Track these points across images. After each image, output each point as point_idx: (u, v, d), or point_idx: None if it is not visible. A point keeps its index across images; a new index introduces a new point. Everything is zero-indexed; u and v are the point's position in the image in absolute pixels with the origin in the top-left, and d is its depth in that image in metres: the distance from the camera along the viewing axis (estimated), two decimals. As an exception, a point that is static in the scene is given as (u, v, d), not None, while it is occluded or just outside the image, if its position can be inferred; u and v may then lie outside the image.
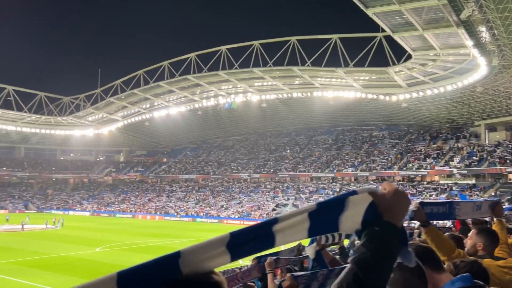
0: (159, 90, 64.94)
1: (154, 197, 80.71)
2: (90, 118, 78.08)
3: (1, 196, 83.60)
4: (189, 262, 1.10)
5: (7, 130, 78.80)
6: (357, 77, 52.42)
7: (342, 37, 47.57)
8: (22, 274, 24.33)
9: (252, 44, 53.20)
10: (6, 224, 53.27)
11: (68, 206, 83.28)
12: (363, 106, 63.61)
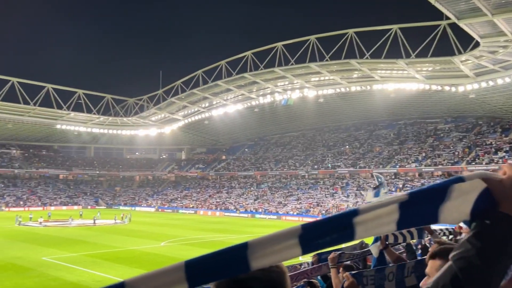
0: (217, 89, 66.27)
1: (214, 193, 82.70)
2: (153, 118, 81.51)
3: (75, 193, 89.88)
4: (257, 254, 1.03)
5: (79, 131, 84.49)
6: (420, 68, 50.02)
7: (403, 27, 45.59)
8: (95, 265, 25.97)
9: (308, 39, 52.60)
10: (79, 219, 57.17)
11: (135, 202, 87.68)
12: (426, 98, 60.70)
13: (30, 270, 24.57)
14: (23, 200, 79.64)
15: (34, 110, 70.37)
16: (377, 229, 1.07)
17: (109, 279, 22.28)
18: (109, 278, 22.51)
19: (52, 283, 21.52)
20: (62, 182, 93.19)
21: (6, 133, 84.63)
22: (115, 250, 32.37)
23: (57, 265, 26.11)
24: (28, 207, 75.90)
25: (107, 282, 10.31)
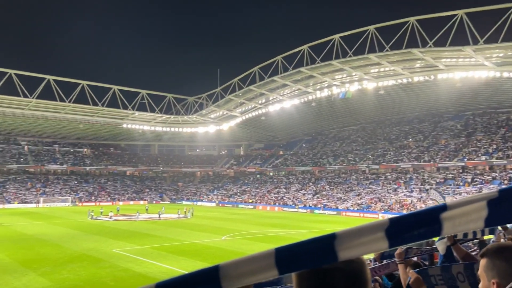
0: (274, 84, 66.38)
1: (272, 189, 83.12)
2: (212, 115, 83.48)
3: (141, 188, 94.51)
4: (345, 246, 1.04)
5: (143, 130, 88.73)
6: (489, 54, 46.75)
7: (470, 11, 42.85)
8: (161, 258, 27.17)
9: (367, 30, 51.07)
10: (146, 213, 60.03)
11: (196, 197, 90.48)
12: (497, 86, 56.65)
13: (102, 261, 26.23)
14: (94, 196, 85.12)
15: (102, 110, 74.82)
16: (465, 225, 1.05)
17: (174, 271, 23.21)
18: (174, 270, 23.44)
19: (122, 274, 22.82)
20: (129, 178, 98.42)
21: (78, 133, 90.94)
22: (179, 243, 33.63)
23: (126, 257, 27.63)
24: (99, 202, 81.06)
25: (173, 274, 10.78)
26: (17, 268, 23.96)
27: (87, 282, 21.05)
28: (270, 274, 1.01)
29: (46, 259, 26.73)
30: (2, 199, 73.91)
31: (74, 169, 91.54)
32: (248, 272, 1.03)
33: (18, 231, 39.97)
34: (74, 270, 23.58)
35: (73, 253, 28.59)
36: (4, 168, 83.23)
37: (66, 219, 52.84)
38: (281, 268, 1.01)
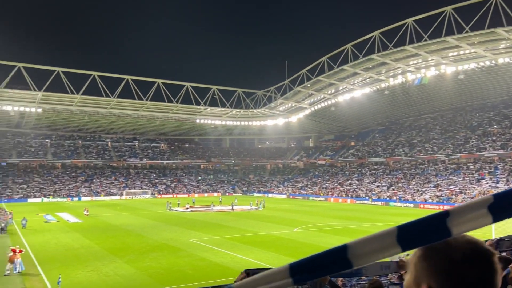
0: (343, 74, 64.75)
1: (344, 181, 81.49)
2: (281, 108, 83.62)
3: (214, 181, 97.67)
4: (457, 221, 1.04)
5: (215, 124, 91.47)
6: None
7: None
8: (235, 248, 27.90)
9: (444, 11, 47.75)
10: (219, 205, 61.94)
11: (267, 189, 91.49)
12: None
13: (180, 250, 27.55)
14: (171, 188, 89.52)
15: (176, 107, 78.21)
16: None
17: (249, 261, 23.71)
18: (248, 260, 23.95)
19: (200, 263, 23.80)
20: (203, 171, 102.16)
21: (155, 129, 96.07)
22: (252, 234, 34.28)
23: (203, 246, 28.76)
24: (176, 194, 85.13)
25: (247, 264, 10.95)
26: (106, 256, 25.97)
27: (168, 270, 22.24)
28: (394, 251, 1.06)
29: (131, 247, 28.66)
30: (91, 192, 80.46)
31: (153, 163, 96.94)
32: (374, 250, 1.07)
33: (105, 222, 43.26)
34: (156, 258, 25.03)
35: (154, 243, 30.35)
36: (91, 163, 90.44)
37: (147, 210, 56.18)
38: (403, 245, 1.06)
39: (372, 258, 1.08)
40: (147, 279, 20.53)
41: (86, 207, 53.06)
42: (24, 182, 78.67)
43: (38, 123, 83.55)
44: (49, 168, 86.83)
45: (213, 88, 77.57)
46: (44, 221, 43.46)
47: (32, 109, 70.23)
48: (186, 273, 21.61)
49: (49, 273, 21.42)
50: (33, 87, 62.55)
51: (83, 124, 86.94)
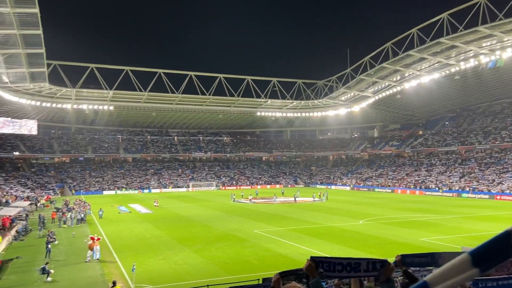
0: (409, 59, 61.75)
1: (411, 171, 78.18)
2: (343, 97, 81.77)
3: (275, 173, 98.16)
4: None
5: (275, 117, 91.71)
6: None
7: None
8: (299, 239, 27.87)
9: (521, -15, 43.78)
10: (282, 196, 62.18)
11: (330, 181, 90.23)
12: None
13: (245, 240, 28.06)
14: (235, 180, 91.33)
15: (238, 101, 79.41)
16: None
17: (314, 253, 23.58)
18: (313, 252, 23.82)
19: (264, 253, 24.09)
20: (265, 164, 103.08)
21: (218, 123, 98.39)
22: (315, 226, 34.05)
23: (267, 237, 29.07)
24: (239, 186, 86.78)
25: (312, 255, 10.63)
26: (175, 245, 27.14)
27: (234, 260, 22.77)
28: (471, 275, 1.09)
29: (198, 237, 29.70)
30: (159, 185, 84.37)
31: (217, 156, 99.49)
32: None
33: (174, 213, 45.18)
34: (222, 248, 25.72)
35: (219, 233, 31.20)
36: (159, 157, 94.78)
37: (212, 201, 57.84)
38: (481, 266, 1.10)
39: None
40: (214, 268, 21.17)
41: (155, 198, 55.79)
42: (100, 176, 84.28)
43: (111, 120, 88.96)
44: (121, 162, 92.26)
45: (273, 81, 77.71)
46: (118, 212, 46.36)
47: (104, 107, 74.90)
48: (252, 263, 21.98)
49: (124, 261, 22.82)
50: (105, 86, 66.61)
51: (151, 119, 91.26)
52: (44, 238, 28.24)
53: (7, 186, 63.31)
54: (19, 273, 21.63)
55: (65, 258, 24.54)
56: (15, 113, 76.21)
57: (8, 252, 26.93)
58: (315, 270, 2.88)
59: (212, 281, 16.69)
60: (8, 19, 38.32)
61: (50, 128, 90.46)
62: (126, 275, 20.00)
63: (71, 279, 19.95)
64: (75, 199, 55.36)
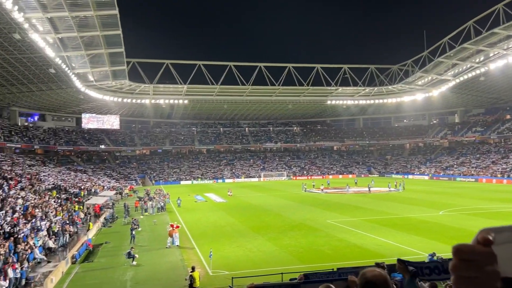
0: (494, 38, 56.66)
1: (498, 159, 72.26)
2: (419, 82, 77.43)
3: (348, 162, 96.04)
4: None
5: (347, 105, 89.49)
6: None
7: None
8: (374, 230, 27.07)
9: None
10: (355, 186, 60.75)
11: (407, 170, 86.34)
12: None
13: (318, 230, 27.87)
14: (306, 170, 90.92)
15: (307, 90, 78.62)
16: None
17: (390, 244, 22.81)
18: (390, 243, 23.04)
19: (338, 243, 23.76)
20: (336, 153, 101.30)
21: (288, 113, 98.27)
22: (391, 216, 32.84)
23: (340, 227, 28.62)
24: (310, 176, 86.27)
25: (389, 247, 10.55)
26: (249, 233, 27.74)
27: (307, 249, 22.73)
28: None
29: (270, 226, 30.07)
30: (232, 175, 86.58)
31: (287, 146, 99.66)
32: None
33: (247, 202, 46.14)
34: (295, 237, 25.80)
35: (292, 222, 31.32)
36: (231, 148, 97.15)
37: (283, 191, 58.16)
38: None
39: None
40: (288, 256, 21.31)
41: (229, 188, 57.36)
42: (177, 167, 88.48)
43: (186, 113, 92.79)
44: (196, 154, 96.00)
45: (343, 67, 75.73)
46: (195, 201, 48.40)
47: (179, 101, 78.28)
48: (325, 253, 21.80)
49: (202, 247, 23.80)
50: (179, 81, 69.46)
51: (223, 112, 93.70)
52: (128, 225, 30.34)
53: (95, 177, 68.84)
54: (108, 256, 23.50)
55: (148, 244, 26.18)
56: (100, 109, 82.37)
57: (98, 238, 29.36)
58: (406, 270, 2.78)
59: (286, 269, 16.82)
60: (91, 22, 41.32)
61: (131, 122, 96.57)
62: (204, 261, 20.86)
63: (154, 264, 21.24)
64: (155, 189, 58.71)
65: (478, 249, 0.79)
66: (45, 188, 43.86)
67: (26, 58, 46.29)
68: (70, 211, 34.73)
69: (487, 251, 0.78)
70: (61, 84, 58.68)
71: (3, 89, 59.21)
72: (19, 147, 65.11)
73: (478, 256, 0.77)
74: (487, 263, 0.77)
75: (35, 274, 19.86)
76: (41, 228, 25.76)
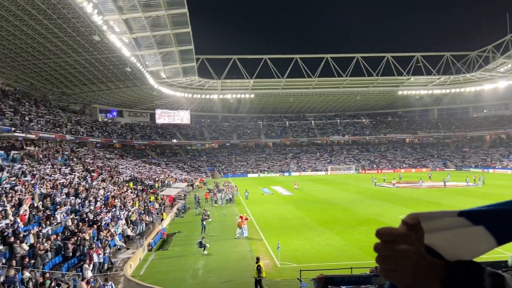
0: None
1: None
2: (502, 69, 71.31)
3: (421, 155, 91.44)
4: None
5: (420, 95, 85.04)
6: None
7: None
8: (451, 227, 25.52)
9: None
10: (429, 181, 57.73)
11: (487, 164, 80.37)
12: None
13: (389, 226, 26.84)
14: (375, 163, 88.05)
15: (377, 80, 75.85)
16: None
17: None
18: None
19: (410, 240, 22.72)
20: (408, 146, 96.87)
21: (356, 104, 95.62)
22: (470, 213, 30.73)
23: (413, 223, 27.33)
24: (380, 169, 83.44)
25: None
26: (317, 227, 27.50)
27: (377, 244, 22.01)
28: None
29: (339, 220, 29.56)
30: (299, 168, 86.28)
31: (355, 139, 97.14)
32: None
33: (313, 195, 45.75)
34: (364, 232, 25.11)
35: (361, 217, 30.53)
36: (297, 141, 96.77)
37: (352, 185, 56.83)
38: None
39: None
40: (357, 251, 20.81)
41: (296, 181, 57.27)
42: (244, 160, 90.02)
43: (252, 107, 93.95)
44: (263, 147, 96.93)
45: (416, 56, 71.93)
46: (262, 194, 48.97)
47: (246, 95, 79.38)
48: (397, 249, 20.96)
49: (269, 239, 24.02)
50: (246, 76, 70.38)
51: (289, 105, 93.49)
52: (199, 216, 31.45)
53: (168, 170, 72.17)
54: (181, 245, 24.56)
55: (218, 234, 26.96)
56: (172, 105, 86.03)
57: (171, 227, 30.80)
58: None
59: (355, 264, 16.44)
60: (162, 21, 43.18)
61: (200, 117, 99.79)
62: (272, 252, 21.04)
63: (224, 253, 21.83)
64: (224, 181, 60.26)
65: (394, 231, 0.89)
66: (123, 179, 46.86)
67: (104, 58, 49.59)
68: (146, 202, 36.80)
69: (403, 232, 0.88)
70: (136, 81, 62.12)
71: (86, 88, 64.00)
72: (100, 142, 70.04)
73: (394, 237, 0.87)
74: (402, 243, 0.86)
75: (116, 259, 21.33)
76: (120, 217, 27.57)
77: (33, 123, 48.97)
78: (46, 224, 21.76)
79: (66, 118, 63.32)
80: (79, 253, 19.47)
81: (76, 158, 50.01)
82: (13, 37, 39.63)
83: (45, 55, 46.16)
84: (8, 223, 19.35)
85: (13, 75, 53.44)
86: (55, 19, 36.58)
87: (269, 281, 16.69)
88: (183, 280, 17.76)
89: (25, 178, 30.31)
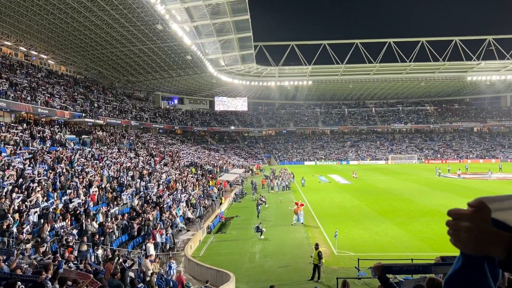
0: None
1: None
2: None
3: (491, 145, 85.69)
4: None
5: (491, 81, 79.30)
6: None
7: None
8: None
9: None
10: (499, 172, 54.09)
11: None
12: None
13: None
14: (439, 153, 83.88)
15: (443, 65, 71.71)
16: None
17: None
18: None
19: (477, 233, 21.50)
20: (476, 135, 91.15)
21: (420, 91, 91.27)
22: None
23: (480, 216, 25.83)
24: (444, 159, 79.41)
25: None
26: (375, 216, 26.85)
27: (441, 237, 21.02)
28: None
29: (399, 210, 28.63)
30: (357, 157, 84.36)
31: (418, 127, 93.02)
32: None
33: (372, 185, 44.60)
34: (426, 223, 24.16)
35: (423, 208, 29.35)
36: (356, 129, 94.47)
37: (413, 175, 54.65)
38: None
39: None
40: (418, 242, 20.09)
41: (354, 170, 56.10)
42: (300, 147, 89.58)
43: (309, 94, 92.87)
44: (320, 135, 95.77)
45: (488, 39, 66.93)
46: (318, 182, 48.55)
47: (303, 82, 78.55)
48: (462, 243, 19.94)
49: (326, 227, 23.85)
50: (304, 62, 69.53)
51: (348, 92, 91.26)
52: (256, 201, 31.89)
53: (226, 156, 73.64)
54: (238, 229, 25.10)
55: (274, 219, 27.20)
56: (230, 92, 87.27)
57: (229, 211, 31.52)
58: None
59: (416, 256, 15.91)
60: (222, 9, 43.66)
61: (257, 104, 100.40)
62: (329, 240, 20.89)
63: (280, 239, 22.00)
64: (280, 168, 60.44)
65: (460, 210, 1.08)
66: (183, 164, 48.54)
67: (167, 47, 51.23)
68: (205, 186, 37.90)
69: (466, 212, 1.06)
70: (197, 69, 63.62)
71: (149, 75, 66.66)
72: (162, 128, 72.86)
73: (459, 216, 1.06)
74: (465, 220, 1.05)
75: (177, 240, 22.25)
76: (181, 200, 28.65)
77: (101, 109, 51.97)
78: (113, 204, 23.15)
79: (131, 104, 66.48)
80: (143, 232, 20.54)
81: (140, 143, 52.52)
82: (83, 27, 42.11)
83: (112, 44, 48.59)
84: (80, 202, 20.82)
85: (83, 64, 56.93)
86: (121, 9, 38.31)
87: (327, 268, 16.61)
88: (241, 263, 18.17)
89: (95, 160, 32.35)
